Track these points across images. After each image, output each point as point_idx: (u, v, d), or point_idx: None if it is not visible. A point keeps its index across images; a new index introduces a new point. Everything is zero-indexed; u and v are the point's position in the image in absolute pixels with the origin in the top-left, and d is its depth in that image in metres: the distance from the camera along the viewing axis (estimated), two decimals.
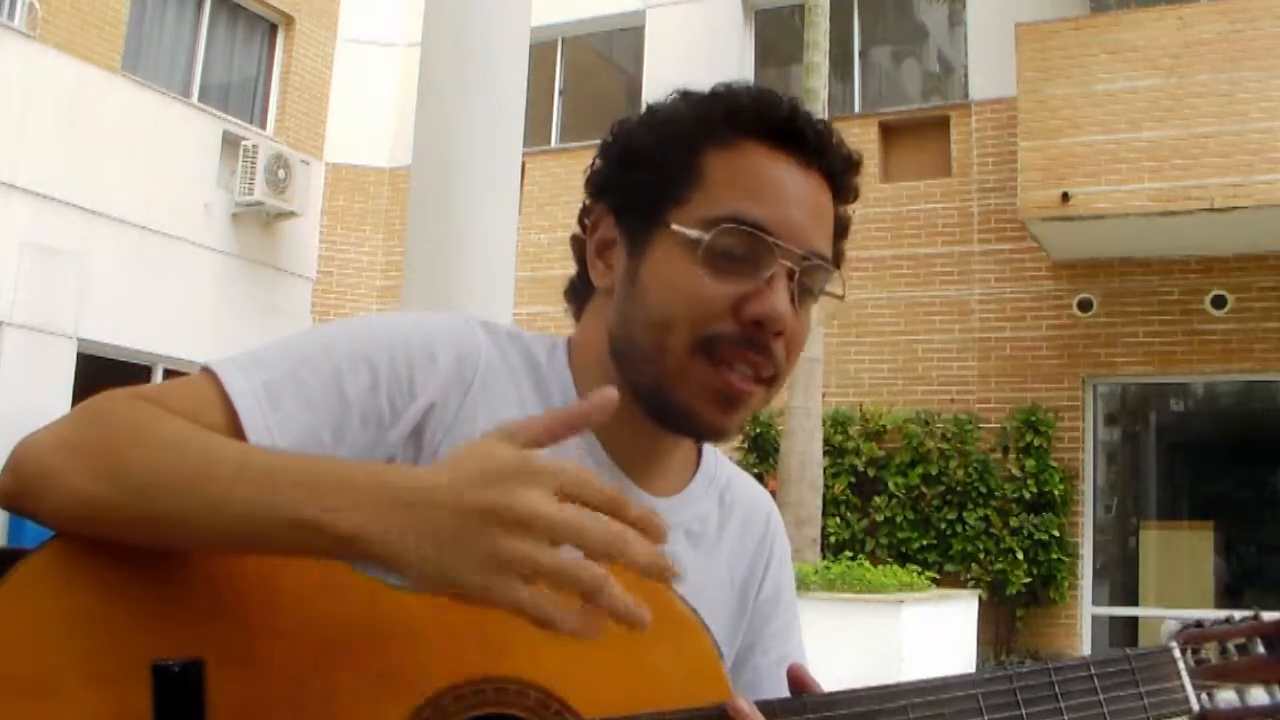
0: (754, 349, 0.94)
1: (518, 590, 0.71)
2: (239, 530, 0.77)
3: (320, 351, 0.91)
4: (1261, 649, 1.03)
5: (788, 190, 0.97)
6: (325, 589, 0.84)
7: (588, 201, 1.05)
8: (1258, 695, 1.01)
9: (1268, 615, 1.05)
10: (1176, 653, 1.01)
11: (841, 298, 1.03)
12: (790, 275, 0.95)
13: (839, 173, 1.01)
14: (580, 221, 1.06)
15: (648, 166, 0.99)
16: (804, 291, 0.97)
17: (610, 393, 0.80)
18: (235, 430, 0.86)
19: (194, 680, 0.78)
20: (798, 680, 0.95)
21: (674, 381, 0.95)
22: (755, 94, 1.00)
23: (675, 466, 1.08)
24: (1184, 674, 1.00)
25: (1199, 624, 1.03)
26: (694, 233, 0.94)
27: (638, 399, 0.98)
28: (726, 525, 1.09)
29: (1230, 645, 1.03)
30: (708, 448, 1.12)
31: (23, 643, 0.76)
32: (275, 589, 0.83)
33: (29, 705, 0.76)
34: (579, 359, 1.03)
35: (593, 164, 1.05)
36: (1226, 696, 1.00)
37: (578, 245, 1.06)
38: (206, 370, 0.89)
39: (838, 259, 1.03)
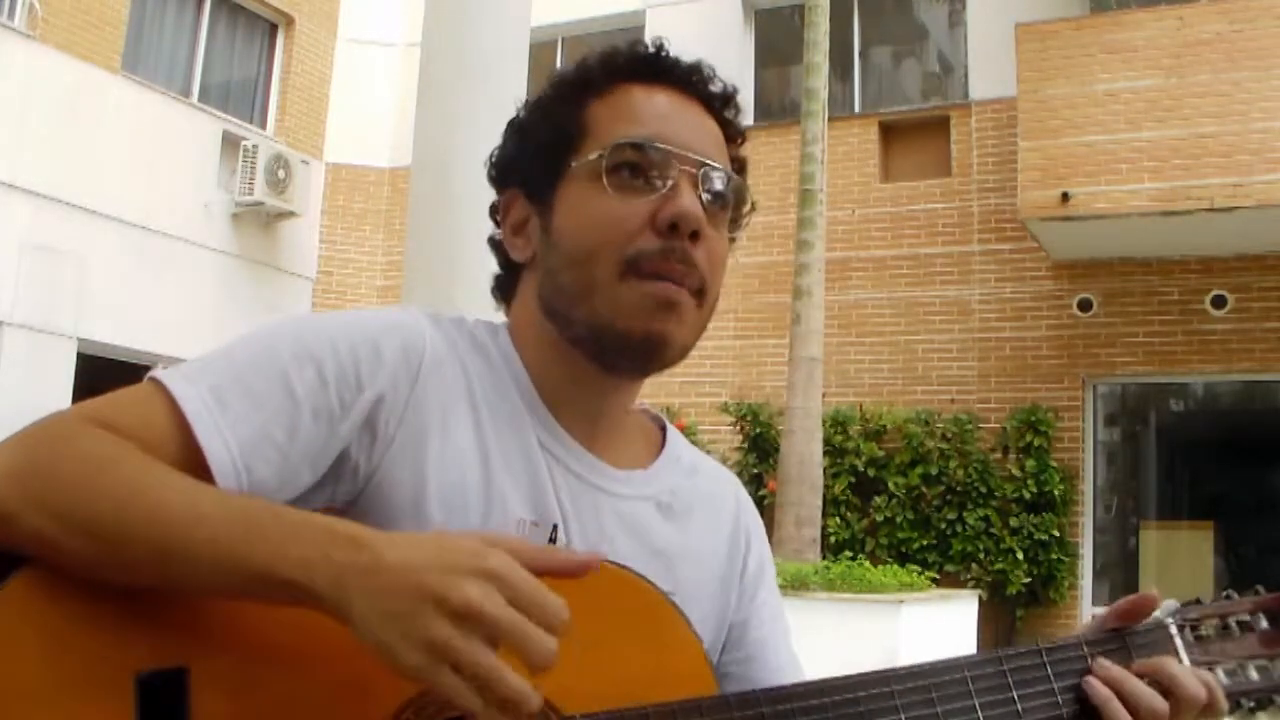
0: (676, 258, 0.96)
1: (448, 677, 0.73)
2: (199, 578, 0.80)
3: (265, 352, 0.91)
4: (1265, 623, 1.01)
5: (668, 111, 1.02)
6: None
7: (496, 197, 1.10)
8: (1262, 669, 1.00)
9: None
10: (1173, 629, 0.99)
11: (754, 208, 1.07)
12: (693, 180, 0.98)
13: (718, 102, 1.06)
14: (492, 218, 1.11)
15: (541, 135, 1.04)
16: (713, 197, 1.00)
17: (599, 558, 0.84)
18: (186, 436, 0.85)
19: (177, 689, 0.79)
20: None
21: (610, 312, 0.97)
22: (626, 44, 1.06)
23: (636, 439, 1.09)
24: (1181, 649, 0.98)
25: (1198, 600, 1.02)
26: (593, 156, 0.99)
27: (580, 348, 0.99)
28: (694, 501, 1.09)
29: (1232, 621, 1.01)
30: (671, 433, 1.13)
31: (10, 655, 0.77)
32: None
33: (17, 717, 0.76)
34: (519, 338, 1.05)
35: (490, 158, 1.10)
36: (1229, 671, 0.99)
37: (495, 245, 1.10)
38: (152, 380, 0.89)
39: (740, 197, 1.06)
